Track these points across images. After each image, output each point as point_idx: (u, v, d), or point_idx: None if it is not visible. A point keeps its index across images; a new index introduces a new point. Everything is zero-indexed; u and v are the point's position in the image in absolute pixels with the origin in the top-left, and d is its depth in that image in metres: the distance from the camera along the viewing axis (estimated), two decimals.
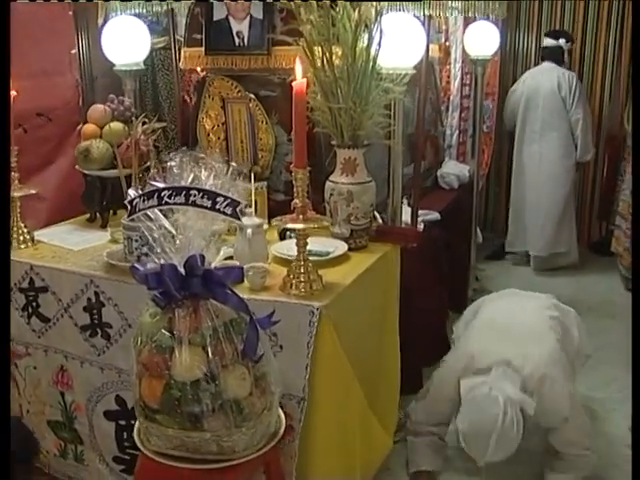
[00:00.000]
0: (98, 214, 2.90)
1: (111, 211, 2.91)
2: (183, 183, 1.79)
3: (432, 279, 3.45)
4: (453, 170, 4.39)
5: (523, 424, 2.38)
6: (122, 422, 2.38)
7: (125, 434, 2.38)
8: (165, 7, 3.29)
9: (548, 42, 4.93)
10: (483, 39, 4.08)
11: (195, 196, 1.76)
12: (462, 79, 4.80)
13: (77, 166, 2.87)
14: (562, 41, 4.87)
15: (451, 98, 4.83)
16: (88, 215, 2.95)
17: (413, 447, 2.74)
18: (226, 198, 1.74)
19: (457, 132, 4.82)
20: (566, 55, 4.92)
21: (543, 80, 4.85)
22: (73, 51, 4.44)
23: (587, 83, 5.34)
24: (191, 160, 1.82)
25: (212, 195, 1.74)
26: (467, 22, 4.35)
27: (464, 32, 4.41)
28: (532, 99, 4.89)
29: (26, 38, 4.06)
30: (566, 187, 4.83)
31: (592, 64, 5.31)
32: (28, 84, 2.74)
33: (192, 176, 1.81)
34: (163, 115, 4.37)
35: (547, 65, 4.88)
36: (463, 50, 4.56)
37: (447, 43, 4.79)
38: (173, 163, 1.82)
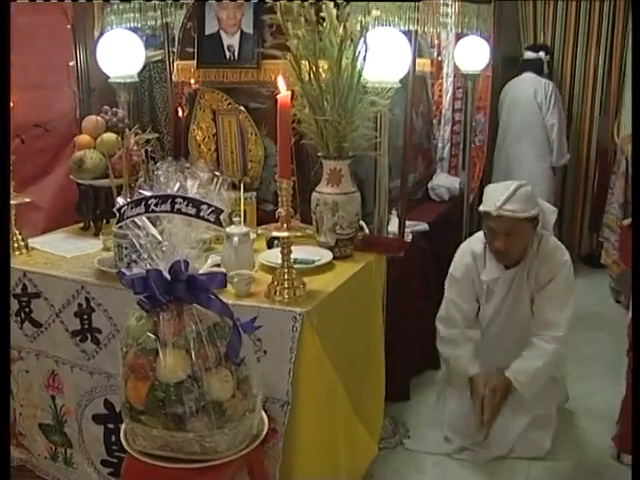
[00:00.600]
0: (91, 222, 2.96)
1: (104, 220, 2.97)
2: (169, 191, 1.85)
3: (420, 289, 3.50)
4: (444, 182, 4.44)
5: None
6: (110, 425, 2.42)
7: (113, 437, 2.43)
8: (156, 21, 3.36)
9: (529, 55, 5.21)
10: (473, 54, 4.15)
11: (180, 204, 1.81)
12: (454, 93, 4.87)
13: (71, 175, 2.93)
14: (542, 54, 5.17)
15: (443, 112, 4.89)
16: (82, 224, 3.01)
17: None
18: (210, 206, 1.80)
19: (449, 145, 4.87)
20: (545, 66, 5.18)
21: (522, 88, 5.13)
22: (71, 63, 4.52)
23: (578, 99, 5.41)
24: (177, 169, 1.88)
25: (196, 203, 1.80)
26: (459, 37, 4.42)
27: (455, 47, 4.49)
28: (512, 106, 5.18)
29: (25, 50, 4.14)
30: (542, 187, 4.92)
31: (583, 80, 5.38)
32: (26, 96, 2.81)
33: (178, 185, 1.87)
34: (160, 127, 4.44)
35: (527, 75, 5.15)
36: (455, 64, 4.63)
37: (439, 58, 4.85)
38: (160, 172, 1.89)
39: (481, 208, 2.80)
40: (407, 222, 3.30)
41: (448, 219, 4.09)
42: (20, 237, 2.70)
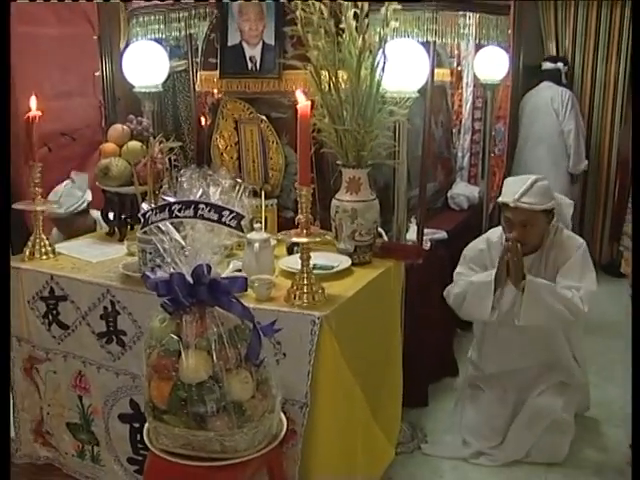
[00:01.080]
0: (116, 228, 3.04)
1: (128, 226, 3.04)
2: (192, 198, 1.92)
3: (438, 297, 3.54)
4: (463, 191, 4.48)
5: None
6: (136, 425, 2.49)
7: (139, 436, 2.49)
8: (180, 32, 3.43)
9: (547, 65, 5.36)
10: (493, 64, 4.19)
11: (203, 210, 1.88)
12: (474, 103, 4.92)
13: (97, 183, 3.01)
14: (560, 64, 5.33)
15: (463, 121, 4.94)
16: (107, 229, 3.09)
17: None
18: (231, 212, 1.86)
19: (468, 154, 4.92)
20: (563, 77, 5.33)
21: (541, 97, 5.29)
22: (97, 74, 4.64)
23: (599, 108, 5.43)
24: (200, 176, 1.94)
25: (218, 209, 1.86)
26: (478, 47, 4.46)
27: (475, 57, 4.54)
28: (531, 114, 5.30)
29: (52, 61, 4.25)
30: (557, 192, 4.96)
31: (603, 90, 5.40)
32: (54, 105, 2.91)
33: (201, 191, 1.94)
34: (183, 135, 4.53)
35: (545, 84, 5.31)
36: (474, 74, 4.68)
37: (459, 68, 4.91)
38: (183, 179, 1.95)
39: (500, 199, 2.93)
40: (426, 230, 3.35)
41: (467, 228, 4.12)
42: (47, 242, 2.78)
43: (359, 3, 2.47)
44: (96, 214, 3.78)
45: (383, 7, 2.49)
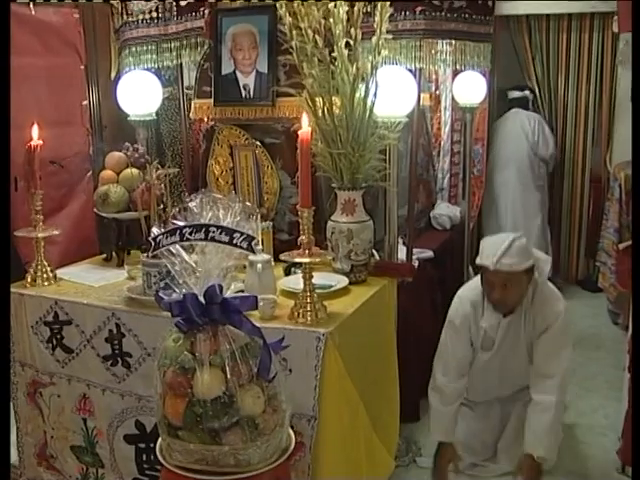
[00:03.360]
0: (114, 254, 3.10)
1: (125, 251, 3.11)
2: (202, 221, 2.00)
3: (427, 313, 3.64)
4: (445, 211, 4.61)
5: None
6: (141, 445, 2.54)
7: (144, 456, 2.54)
8: (172, 62, 3.52)
9: (515, 94, 5.60)
10: (471, 88, 4.34)
11: (214, 232, 1.95)
12: (452, 125, 5.06)
13: (95, 209, 3.07)
14: (527, 92, 5.58)
15: (442, 143, 5.08)
16: (104, 255, 3.15)
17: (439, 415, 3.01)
18: (242, 234, 1.94)
19: (448, 175, 5.06)
20: (530, 103, 5.59)
21: (510, 121, 5.53)
22: (84, 102, 4.69)
23: (571, 130, 5.60)
24: (210, 200, 2.03)
25: (229, 231, 1.94)
26: (456, 72, 4.61)
27: (453, 81, 4.68)
28: (502, 138, 5.53)
29: (41, 90, 4.30)
30: (528, 209, 5.41)
31: (575, 112, 5.57)
32: (42, 133, 2.96)
33: (210, 214, 2.02)
34: (166, 161, 4.60)
35: (514, 110, 5.56)
36: (452, 98, 4.82)
37: (437, 92, 5.06)
38: (193, 203, 2.03)
39: (478, 261, 2.87)
40: (413, 250, 3.45)
41: (451, 246, 4.25)
42: (49, 268, 2.83)
43: (352, 32, 2.58)
44: None
45: (374, 36, 2.60)
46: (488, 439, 3.14)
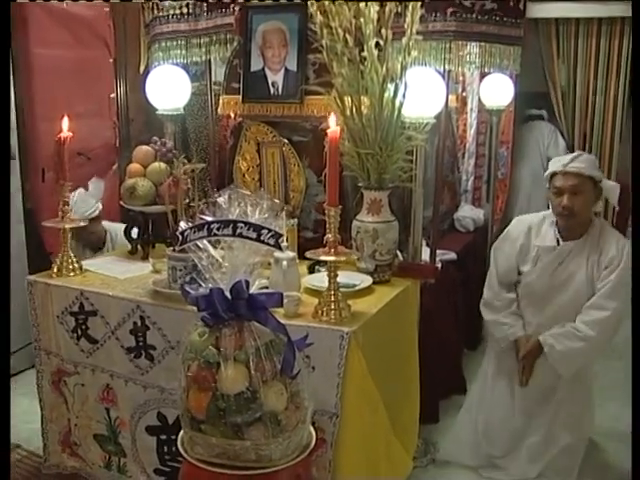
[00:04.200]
0: (139, 246, 3.12)
1: (151, 244, 3.13)
2: (230, 217, 2.01)
3: (448, 315, 3.64)
4: (469, 214, 4.60)
5: None
6: (163, 437, 2.57)
7: (165, 447, 2.57)
8: (200, 57, 3.54)
9: (532, 111, 5.67)
10: (498, 91, 4.33)
11: (242, 228, 1.96)
12: (478, 128, 5.05)
13: (121, 201, 3.10)
14: (543, 111, 5.62)
15: (467, 145, 5.07)
16: (129, 247, 3.17)
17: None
18: (270, 230, 1.95)
19: (473, 178, 5.05)
20: (545, 115, 5.63)
21: (529, 130, 5.57)
22: (112, 95, 4.74)
23: (598, 136, 5.51)
24: (238, 197, 2.04)
25: (257, 228, 1.95)
26: (483, 74, 4.60)
27: (480, 83, 4.68)
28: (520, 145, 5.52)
29: (70, 83, 4.36)
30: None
31: (602, 119, 5.51)
32: (70, 125, 3.00)
33: (238, 210, 2.03)
34: (191, 156, 4.63)
35: (533, 122, 5.63)
36: (479, 100, 4.82)
37: (464, 93, 5.04)
38: (221, 199, 2.05)
39: (547, 172, 2.95)
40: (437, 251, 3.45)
41: (474, 249, 4.24)
42: (75, 259, 2.86)
43: (382, 33, 2.59)
44: (107, 224, 3.90)
45: (405, 37, 2.61)
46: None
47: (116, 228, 3.83)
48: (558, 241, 2.98)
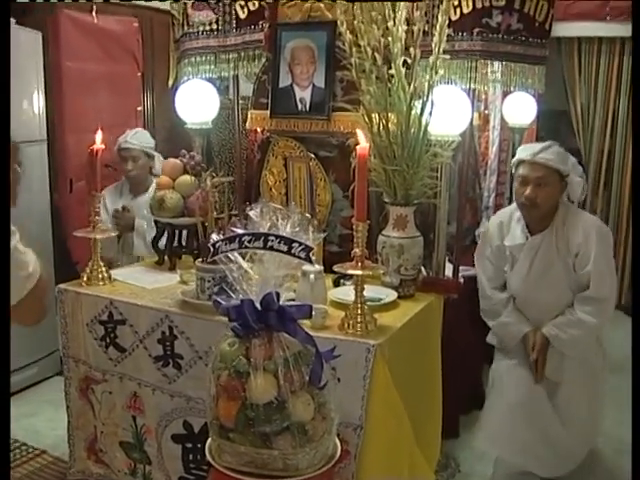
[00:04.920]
0: (166, 257, 3.17)
1: (178, 255, 3.19)
2: (261, 230, 2.06)
3: (469, 331, 3.66)
4: None
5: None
6: (188, 445, 2.60)
7: (191, 456, 2.61)
8: (228, 72, 3.61)
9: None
10: (521, 109, 4.37)
11: (273, 241, 2.00)
12: (500, 145, 5.08)
13: (150, 213, 3.16)
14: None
15: (489, 163, 5.10)
16: (156, 258, 3.23)
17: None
18: (300, 244, 1.99)
19: (494, 195, 5.07)
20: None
21: None
22: (139, 108, 4.83)
23: (620, 146, 5.53)
24: (269, 210, 2.09)
25: (288, 241, 1.99)
26: (506, 92, 4.64)
27: (503, 101, 4.72)
28: None
29: (100, 95, 4.45)
30: None
31: (624, 135, 5.53)
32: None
33: (269, 224, 2.08)
34: (215, 170, 4.69)
35: None
36: (502, 118, 4.85)
37: (486, 111, 5.08)
38: (253, 212, 2.09)
39: (514, 159, 2.94)
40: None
41: None
42: (104, 269, 2.92)
43: (410, 51, 2.64)
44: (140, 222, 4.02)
45: (432, 56, 2.65)
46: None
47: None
48: (527, 237, 2.96)
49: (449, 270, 3.30)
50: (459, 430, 3.47)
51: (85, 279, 2.88)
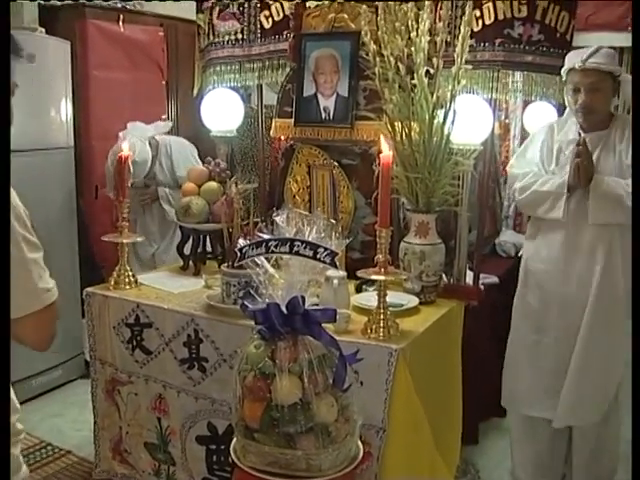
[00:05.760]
0: (191, 262, 3.23)
1: (202, 261, 3.25)
2: (287, 235, 2.11)
3: (489, 338, 3.68)
4: (511, 239, 4.64)
5: None
6: (212, 446, 2.65)
7: (214, 457, 2.65)
8: (253, 81, 3.66)
9: None
10: (542, 118, 4.38)
11: (298, 246, 2.05)
12: None
13: (176, 219, 3.22)
14: None
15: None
16: (181, 263, 3.29)
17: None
18: (326, 249, 2.04)
19: (514, 204, 5.08)
20: None
21: None
22: (163, 116, 4.91)
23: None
24: (295, 216, 2.14)
25: (314, 246, 2.04)
26: (526, 101, 4.66)
27: (523, 111, 4.74)
28: None
29: (126, 103, 4.53)
30: None
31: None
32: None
33: (295, 229, 2.13)
34: (238, 177, 4.76)
35: None
36: (522, 127, 4.88)
37: (507, 120, 5.11)
38: (279, 218, 2.15)
39: (564, 68, 2.90)
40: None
41: (515, 273, 4.25)
42: (131, 273, 2.98)
43: (433, 61, 2.68)
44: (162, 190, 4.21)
45: (454, 66, 2.70)
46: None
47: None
48: (580, 134, 2.93)
49: (469, 278, 3.33)
50: (478, 437, 3.49)
51: (112, 283, 2.94)
